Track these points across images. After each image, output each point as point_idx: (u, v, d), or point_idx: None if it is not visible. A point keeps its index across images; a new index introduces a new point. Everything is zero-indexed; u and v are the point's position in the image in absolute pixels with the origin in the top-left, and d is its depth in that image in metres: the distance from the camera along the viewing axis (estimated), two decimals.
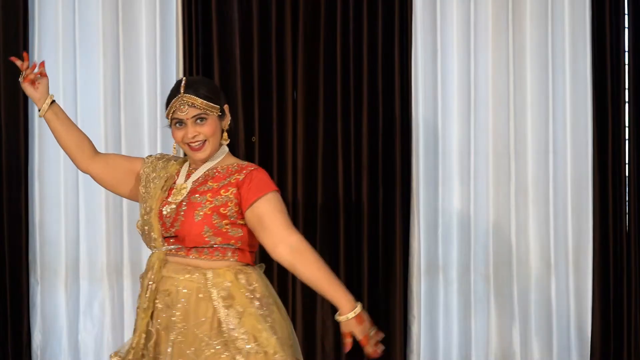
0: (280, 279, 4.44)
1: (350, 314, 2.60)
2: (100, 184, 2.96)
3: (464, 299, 4.79)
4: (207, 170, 2.78)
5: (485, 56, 4.79)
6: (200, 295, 2.65)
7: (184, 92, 2.71)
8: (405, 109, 4.71)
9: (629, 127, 4.86)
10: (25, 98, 4.52)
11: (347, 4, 4.66)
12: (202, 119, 2.72)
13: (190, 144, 2.73)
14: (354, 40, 4.67)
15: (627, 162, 4.87)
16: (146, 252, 4.74)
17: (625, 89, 4.85)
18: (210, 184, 2.73)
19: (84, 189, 4.56)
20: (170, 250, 2.72)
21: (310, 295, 4.56)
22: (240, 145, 4.59)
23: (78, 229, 4.58)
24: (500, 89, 4.80)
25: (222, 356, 2.60)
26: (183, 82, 2.74)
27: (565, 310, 4.85)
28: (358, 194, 4.65)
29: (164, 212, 2.72)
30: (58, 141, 2.89)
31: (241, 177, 2.69)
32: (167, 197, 2.75)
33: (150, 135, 4.60)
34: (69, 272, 4.59)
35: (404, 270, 4.71)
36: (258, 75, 4.60)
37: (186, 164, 2.85)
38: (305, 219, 4.63)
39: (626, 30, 4.86)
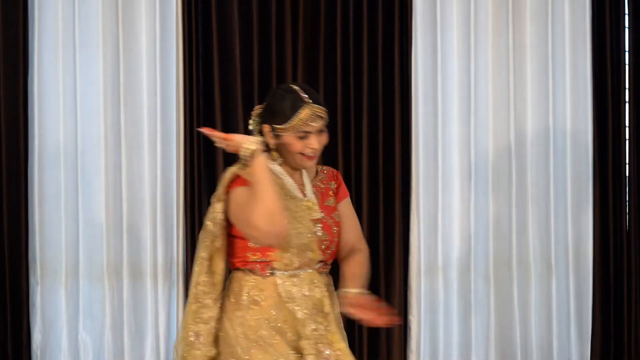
0: None
1: (353, 290, 2.75)
2: None
3: (464, 299, 4.79)
4: (312, 182, 2.76)
5: (485, 56, 4.78)
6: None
7: (313, 102, 2.61)
8: (405, 109, 4.71)
9: (629, 127, 4.86)
10: (25, 98, 4.52)
11: (347, 4, 4.65)
12: (322, 130, 2.65)
13: (307, 154, 2.63)
14: (354, 40, 4.66)
15: (627, 162, 4.86)
16: (146, 252, 4.72)
17: (625, 89, 4.85)
18: (330, 199, 2.77)
19: (83, 189, 4.56)
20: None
21: None
22: None
23: (78, 229, 4.57)
24: (500, 89, 4.80)
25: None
26: (302, 91, 2.62)
27: (565, 310, 4.85)
28: (358, 194, 4.64)
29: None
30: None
31: (334, 185, 2.80)
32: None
33: (150, 135, 4.60)
34: (69, 272, 4.59)
35: (403, 270, 4.71)
36: (258, 75, 4.60)
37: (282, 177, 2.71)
38: None
39: (626, 30, 4.86)
